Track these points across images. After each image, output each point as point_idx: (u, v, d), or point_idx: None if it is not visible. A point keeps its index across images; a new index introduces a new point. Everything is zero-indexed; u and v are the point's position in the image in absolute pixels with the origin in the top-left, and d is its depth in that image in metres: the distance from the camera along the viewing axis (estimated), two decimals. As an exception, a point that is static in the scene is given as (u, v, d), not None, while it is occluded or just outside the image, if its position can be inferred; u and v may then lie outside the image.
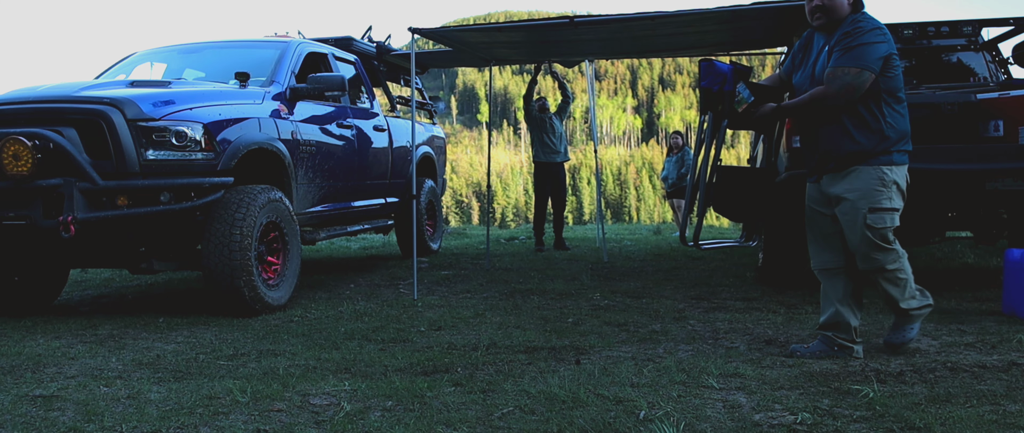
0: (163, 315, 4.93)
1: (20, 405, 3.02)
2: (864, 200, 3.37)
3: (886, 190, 3.39)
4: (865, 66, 3.28)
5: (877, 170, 3.37)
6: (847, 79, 3.29)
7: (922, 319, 3.63)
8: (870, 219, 3.37)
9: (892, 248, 3.44)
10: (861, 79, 3.28)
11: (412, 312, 4.96)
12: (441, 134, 9.06)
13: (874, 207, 3.37)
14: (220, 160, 4.70)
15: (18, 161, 4.25)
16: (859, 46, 3.29)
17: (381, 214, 7.15)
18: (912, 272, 3.52)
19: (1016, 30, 6.21)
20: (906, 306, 3.52)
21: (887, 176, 3.38)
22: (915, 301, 3.54)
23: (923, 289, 3.61)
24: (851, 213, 3.40)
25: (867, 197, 3.37)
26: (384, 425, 2.70)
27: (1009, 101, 5.12)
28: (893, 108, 3.39)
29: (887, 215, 3.40)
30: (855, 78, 3.28)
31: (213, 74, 5.95)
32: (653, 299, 5.26)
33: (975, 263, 6.80)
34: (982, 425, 2.57)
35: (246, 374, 3.43)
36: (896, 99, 3.40)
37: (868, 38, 3.30)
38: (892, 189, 3.40)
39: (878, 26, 3.34)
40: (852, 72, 3.28)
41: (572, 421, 2.68)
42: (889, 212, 3.40)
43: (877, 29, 3.33)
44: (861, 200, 3.37)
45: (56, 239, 4.46)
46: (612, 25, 6.15)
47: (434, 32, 6.37)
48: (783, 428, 2.61)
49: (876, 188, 3.37)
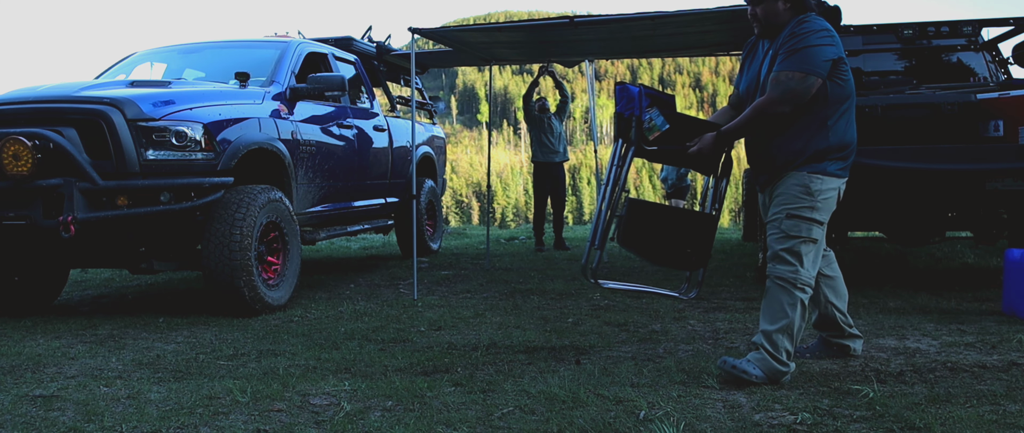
0: (163, 315, 4.93)
1: (20, 405, 3.02)
2: (785, 205, 3.15)
3: (809, 199, 3.12)
4: (810, 70, 3.05)
5: (805, 176, 3.13)
6: (791, 84, 3.05)
7: (768, 372, 3.09)
8: (785, 225, 3.13)
9: (796, 268, 3.11)
10: (806, 84, 3.05)
11: (412, 312, 4.96)
12: (441, 134, 9.06)
13: (792, 213, 3.13)
14: (220, 160, 4.70)
15: (18, 161, 4.25)
16: (804, 49, 3.07)
17: (381, 214, 7.15)
18: (802, 327, 3.15)
19: (1016, 30, 6.21)
20: (765, 332, 3.12)
21: (813, 185, 3.12)
22: (781, 351, 3.09)
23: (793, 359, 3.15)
24: (775, 218, 3.18)
25: (789, 201, 3.14)
26: (384, 425, 2.70)
27: (1009, 101, 5.13)
28: (838, 116, 3.15)
29: (804, 225, 3.12)
30: (799, 83, 3.05)
31: (213, 74, 5.95)
32: (653, 299, 5.26)
33: (975, 263, 6.80)
34: (982, 425, 2.57)
35: (246, 374, 3.43)
36: (844, 107, 3.16)
37: (814, 41, 3.07)
38: (817, 199, 3.12)
39: (825, 28, 3.12)
40: (796, 77, 3.05)
41: (572, 421, 2.68)
42: (807, 222, 3.12)
43: (824, 31, 3.11)
44: (783, 204, 3.16)
45: (56, 239, 4.46)
46: (612, 25, 6.15)
47: (434, 32, 6.37)
48: (783, 428, 2.61)
49: (799, 195, 3.13)
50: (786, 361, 3.10)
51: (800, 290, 3.12)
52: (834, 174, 3.16)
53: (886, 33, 6.39)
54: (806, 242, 3.13)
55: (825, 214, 3.16)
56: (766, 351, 3.10)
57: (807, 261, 3.14)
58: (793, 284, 3.12)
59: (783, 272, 3.14)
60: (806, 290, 3.14)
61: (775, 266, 3.17)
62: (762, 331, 3.14)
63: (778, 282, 3.15)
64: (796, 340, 3.13)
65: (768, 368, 3.09)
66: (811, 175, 3.13)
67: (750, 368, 3.08)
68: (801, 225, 3.13)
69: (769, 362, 3.09)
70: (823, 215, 3.16)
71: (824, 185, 3.14)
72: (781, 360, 3.09)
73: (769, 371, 3.09)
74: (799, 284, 3.12)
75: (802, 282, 3.12)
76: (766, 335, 3.12)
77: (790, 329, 3.10)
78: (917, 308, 4.70)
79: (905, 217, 5.48)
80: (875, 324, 4.26)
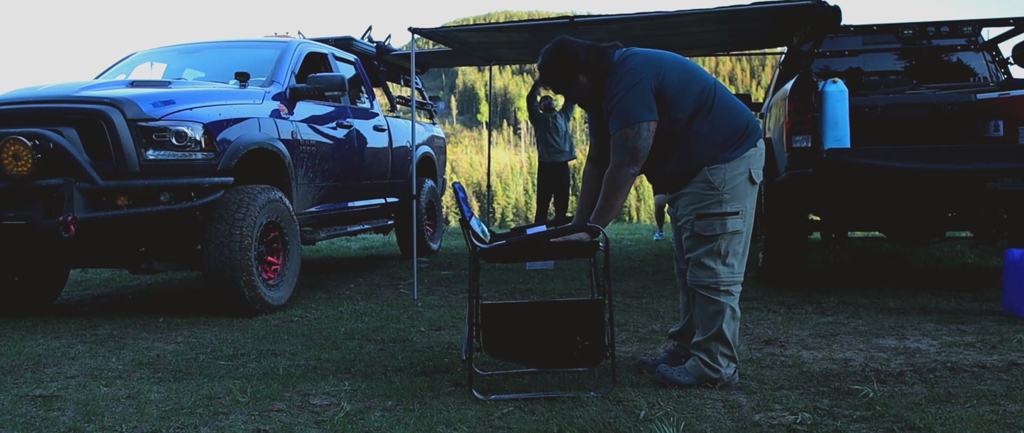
0: (163, 315, 4.93)
1: (20, 405, 3.02)
2: (693, 205, 3.06)
3: (715, 193, 3.02)
4: (635, 120, 2.96)
5: (704, 173, 3.03)
6: (628, 144, 2.97)
7: (698, 378, 3.05)
8: (697, 226, 3.04)
9: (714, 272, 3.01)
10: (641, 135, 2.96)
11: (412, 312, 4.96)
12: (441, 134, 9.06)
13: (701, 212, 3.04)
14: (220, 160, 4.70)
15: (18, 161, 4.25)
16: (617, 106, 2.99)
17: (381, 214, 7.15)
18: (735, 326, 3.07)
19: (1016, 30, 6.21)
20: (697, 342, 3.09)
21: (715, 178, 3.01)
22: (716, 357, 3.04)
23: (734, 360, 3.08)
24: (686, 223, 3.10)
25: (696, 201, 3.05)
26: (384, 425, 2.70)
27: (1009, 101, 5.13)
28: (703, 119, 3.04)
29: (717, 221, 3.02)
30: (635, 139, 2.96)
31: (213, 74, 5.95)
32: (653, 299, 5.26)
33: (975, 263, 6.80)
34: (982, 425, 2.57)
35: (246, 374, 3.43)
36: (703, 113, 3.04)
37: (621, 92, 2.99)
38: (723, 191, 3.02)
39: (629, 69, 3.01)
40: (628, 133, 2.96)
41: (572, 421, 2.68)
42: (720, 218, 3.02)
43: (627, 75, 3.00)
44: (691, 205, 3.07)
45: (56, 239, 4.46)
46: (612, 25, 6.15)
47: (434, 32, 6.37)
48: (783, 428, 2.61)
49: (703, 192, 3.03)
50: (718, 367, 3.04)
51: (723, 294, 3.04)
52: (733, 159, 3.03)
53: (886, 33, 6.39)
54: (724, 237, 3.03)
55: (740, 202, 3.04)
56: (700, 360, 3.07)
57: (732, 258, 3.04)
58: (714, 290, 3.04)
59: (702, 279, 3.06)
60: (731, 291, 3.05)
61: (694, 273, 3.08)
62: (696, 341, 3.11)
63: (700, 291, 3.07)
64: (734, 338, 3.06)
65: (699, 374, 3.07)
66: (710, 169, 3.03)
67: (681, 377, 3.09)
68: (714, 223, 3.03)
69: (701, 369, 3.06)
70: (737, 203, 3.04)
71: (727, 174, 3.02)
72: (714, 366, 3.04)
73: (700, 377, 3.06)
74: (721, 288, 3.04)
75: (724, 285, 3.03)
76: (699, 345, 3.08)
77: (720, 336, 3.03)
78: (917, 308, 4.70)
79: (905, 217, 5.48)
80: (875, 324, 4.26)
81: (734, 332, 3.07)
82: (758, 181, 3.10)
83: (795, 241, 5.42)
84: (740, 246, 3.07)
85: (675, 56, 3.14)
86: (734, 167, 3.03)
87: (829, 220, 5.75)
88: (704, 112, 3.05)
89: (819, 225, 5.84)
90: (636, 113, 2.97)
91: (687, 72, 3.08)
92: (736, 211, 3.04)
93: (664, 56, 3.11)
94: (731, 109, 3.09)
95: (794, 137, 4.96)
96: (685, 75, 3.07)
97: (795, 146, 4.97)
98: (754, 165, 3.09)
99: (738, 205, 3.04)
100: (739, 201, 3.04)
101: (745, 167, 3.06)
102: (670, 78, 3.03)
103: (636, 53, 3.10)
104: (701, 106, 3.05)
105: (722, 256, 3.03)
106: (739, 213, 3.04)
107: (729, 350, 3.06)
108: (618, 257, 7.59)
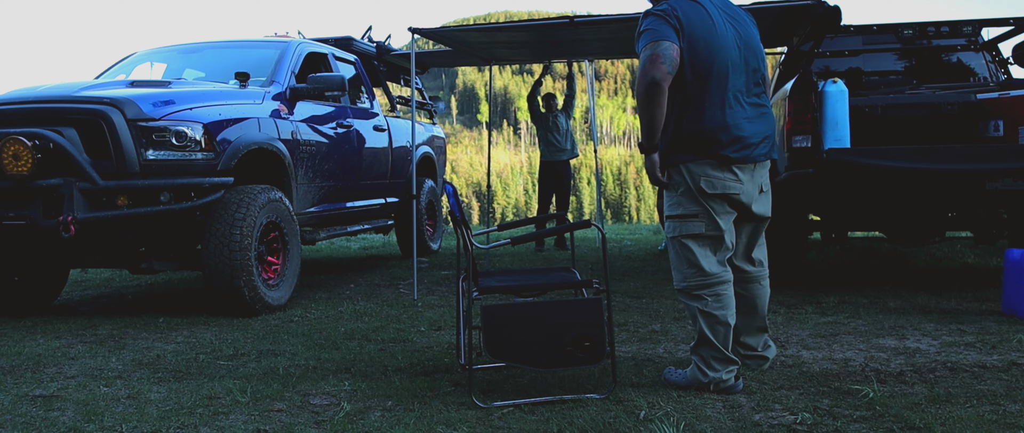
0: (163, 315, 4.93)
1: (20, 405, 3.02)
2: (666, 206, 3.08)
3: (672, 195, 3.03)
4: (659, 36, 2.86)
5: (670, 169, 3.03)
6: (651, 53, 2.85)
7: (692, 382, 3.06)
8: (667, 229, 3.10)
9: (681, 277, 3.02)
10: (662, 45, 2.84)
11: (412, 312, 4.96)
12: (441, 134, 9.06)
13: (667, 215, 3.08)
14: (220, 160, 4.70)
15: (18, 161, 4.25)
16: (644, 31, 2.93)
17: (381, 214, 7.15)
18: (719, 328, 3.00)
19: (1016, 30, 6.21)
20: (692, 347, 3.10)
21: (675, 177, 3.00)
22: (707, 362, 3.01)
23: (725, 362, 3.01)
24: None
25: (666, 202, 3.08)
26: (384, 425, 2.70)
27: (1009, 101, 5.13)
28: (688, 99, 2.94)
29: (675, 224, 3.02)
30: (656, 47, 2.84)
31: (213, 74, 5.95)
32: (653, 299, 5.26)
33: (975, 263, 6.80)
34: (982, 425, 2.57)
35: (246, 374, 3.43)
36: (698, 88, 2.93)
37: (647, 24, 2.93)
38: (677, 192, 3.00)
39: (659, 12, 2.94)
40: (652, 47, 2.86)
41: (572, 421, 2.68)
42: (676, 220, 3.01)
43: (656, 11, 2.94)
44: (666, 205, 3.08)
45: (56, 239, 4.46)
46: (612, 25, 6.14)
47: (434, 32, 6.36)
48: (783, 428, 2.61)
49: (668, 193, 3.05)
50: (707, 371, 3.01)
51: (694, 299, 3.02)
52: (683, 162, 2.97)
53: (886, 33, 6.39)
54: (686, 239, 3.00)
55: (691, 205, 2.98)
56: (696, 365, 3.07)
57: (699, 258, 2.99)
58: (687, 294, 3.05)
59: (676, 284, 3.08)
60: (702, 293, 3.00)
61: (675, 274, 3.10)
62: (692, 346, 3.12)
63: (681, 297, 3.11)
64: (720, 339, 3.00)
65: (693, 378, 3.07)
66: (670, 168, 3.02)
67: (677, 379, 3.12)
68: (673, 225, 3.04)
69: (695, 373, 3.06)
70: (688, 206, 2.98)
71: (677, 175, 3.00)
72: (704, 371, 3.02)
73: (693, 381, 3.07)
74: (692, 293, 3.03)
75: (692, 289, 3.02)
76: (693, 349, 3.10)
77: (705, 340, 3.01)
78: (917, 308, 4.70)
79: (905, 217, 5.47)
80: (875, 324, 4.26)
81: (722, 336, 3.01)
82: (710, 192, 2.98)
83: (795, 241, 5.42)
84: (705, 248, 3.01)
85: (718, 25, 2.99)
86: (686, 172, 2.98)
87: (829, 220, 5.74)
88: (698, 91, 2.93)
89: (819, 225, 5.83)
90: (660, 32, 2.88)
91: (715, 42, 2.95)
92: (693, 213, 3.00)
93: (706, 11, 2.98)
94: (709, 113, 2.95)
95: (794, 137, 4.96)
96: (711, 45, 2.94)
97: (795, 146, 4.96)
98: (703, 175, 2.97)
99: (690, 207, 3.00)
100: (690, 205, 3.00)
101: (690, 175, 2.98)
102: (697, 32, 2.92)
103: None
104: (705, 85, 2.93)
105: (683, 258, 3.03)
106: (697, 216, 3.00)
107: (717, 353, 3.01)
108: (618, 257, 7.59)
